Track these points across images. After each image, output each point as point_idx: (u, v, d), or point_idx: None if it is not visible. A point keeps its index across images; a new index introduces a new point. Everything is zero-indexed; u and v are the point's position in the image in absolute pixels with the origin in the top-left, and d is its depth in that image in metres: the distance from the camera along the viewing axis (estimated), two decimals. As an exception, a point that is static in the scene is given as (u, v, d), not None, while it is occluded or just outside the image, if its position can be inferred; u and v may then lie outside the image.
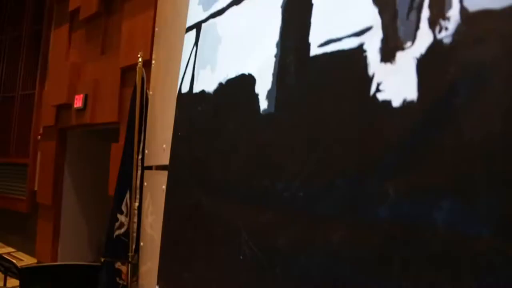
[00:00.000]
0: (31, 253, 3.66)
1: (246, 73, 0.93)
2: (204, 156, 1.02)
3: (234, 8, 1.03)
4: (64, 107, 3.42)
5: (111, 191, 2.88)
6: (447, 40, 0.57)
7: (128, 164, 2.11)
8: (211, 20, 1.13)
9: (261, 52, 0.89)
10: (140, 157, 2.09)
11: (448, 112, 0.56)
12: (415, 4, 0.62)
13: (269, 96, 0.85)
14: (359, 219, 0.62)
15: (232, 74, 0.98)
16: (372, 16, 0.67)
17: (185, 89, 1.19)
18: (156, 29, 2.04)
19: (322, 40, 0.74)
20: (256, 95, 0.88)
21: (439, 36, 0.58)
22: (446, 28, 0.57)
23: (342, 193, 0.65)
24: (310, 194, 0.71)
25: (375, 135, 0.63)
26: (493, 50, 0.53)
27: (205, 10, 1.17)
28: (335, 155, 0.68)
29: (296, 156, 0.75)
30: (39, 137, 3.76)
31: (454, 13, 0.57)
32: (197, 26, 1.19)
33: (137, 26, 3.05)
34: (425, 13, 0.60)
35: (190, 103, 1.14)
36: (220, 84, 1.02)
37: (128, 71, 3.06)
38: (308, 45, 0.77)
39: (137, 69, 2.15)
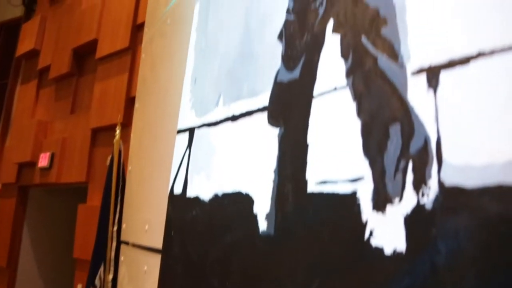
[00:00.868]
0: (-19, 321, 3.40)
1: (244, 191, 1.02)
2: (200, 263, 1.08)
3: (230, 123, 1.14)
4: (27, 165, 3.33)
5: (76, 253, 2.80)
6: (428, 206, 0.70)
7: (103, 237, 2.10)
8: (205, 129, 1.22)
9: (258, 174, 0.99)
10: (115, 228, 2.08)
11: (431, 266, 0.67)
12: (401, 166, 0.75)
13: (268, 218, 0.94)
14: None
15: (229, 189, 1.06)
16: (363, 167, 0.79)
17: (177, 190, 1.25)
18: (136, 105, 2.11)
19: (319, 179, 0.85)
20: (255, 216, 0.96)
21: (421, 200, 0.71)
22: (428, 195, 0.70)
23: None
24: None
25: (368, 278, 0.73)
26: (465, 222, 0.66)
27: (198, 116, 1.27)
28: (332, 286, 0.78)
29: (296, 283, 0.83)
30: (-3, 193, 3.60)
31: (433, 183, 0.70)
32: (190, 131, 1.28)
33: (110, 89, 3.11)
34: (410, 176, 0.73)
35: (184, 206, 1.20)
36: (216, 195, 1.10)
37: (99, 132, 3.08)
38: (305, 181, 0.87)
39: (115, 142, 2.18)
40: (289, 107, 0.97)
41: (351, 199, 0.79)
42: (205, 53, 1.32)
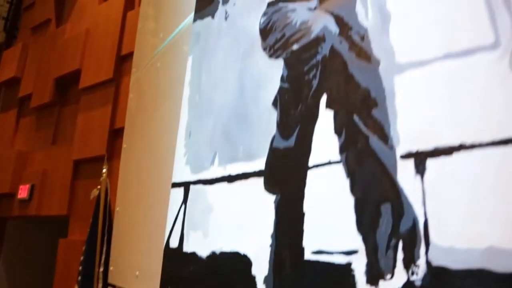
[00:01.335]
0: None
1: (242, 252, 1.06)
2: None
3: (226, 184, 1.19)
4: (6, 196, 3.26)
5: (57, 291, 2.74)
6: (417, 283, 0.76)
7: (88, 278, 2.09)
8: (201, 186, 1.27)
9: (256, 237, 1.04)
10: (101, 269, 2.07)
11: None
12: (392, 244, 0.81)
13: (266, 282, 0.98)
14: None
15: (227, 248, 1.11)
16: (357, 241, 0.86)
17: (173, 244, 1.28)
18: (124, 145, 2.13)
19: (315, 248, 0.91)
20: (253, 277, 1.01)
21: (411, 277, 0.77)
22: (417, 273, 0.77)
23: None
24: None
25: None
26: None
27: (193, 172, 1.32)
28: None
29: None
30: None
31: (422, 263, 0.77)
32: (185, 186, 1.32)
33: (94, 120, 3.10)
34: (400, 254, 0.80)
35: (180, 261, 1.23)
36: (214, 253, 1.14)
37: (81, 164, 3.06)
38: (302, 248, 0.93)
39: (101, 180, 2.19)
40: (285, 176, 1.03)
41: (346, 270, 0.85)
42: (199, 108, 1.37)
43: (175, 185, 1.36)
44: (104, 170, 2.19)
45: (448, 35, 0.85)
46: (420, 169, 0.81)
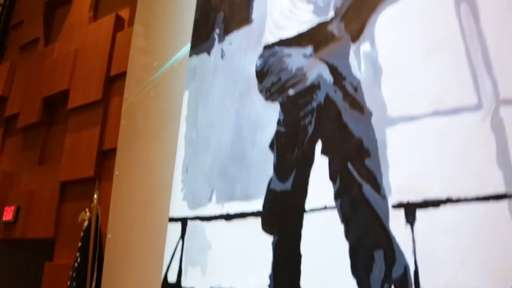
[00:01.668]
0: None
1: (240, 291, 1.10)
2: None
3: (224, 222, 1.23)
4: (-10, 218, 3.20)
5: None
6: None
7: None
8: (199, 222, 1.30)
9: (254, 276, 1.08)
10: (91, 297, 2.07)
11: None
12: (385, 289, 0.87)
13: (264, 321, 1.02)
14: None
15: (225, 285, 1.14)
16: (352, 285, 0.91)
17: (172, 279, 1.31)
18: (116, 172, 2.14)
19: (312, 291, 0.96)
20: (252, 317, 1.05)
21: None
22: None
23: None
24: None
25: None
26: None
27: (190, 208, 1.35)
28: None
29: None
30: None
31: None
32: (183, 221, 1.35)
33: (82, 141, 3.09)
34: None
35: (178, 296, 1.26)
36: (212, 291, 1.17)
37: (68, 185, 3.04)
38: (299, 291, 0.98)
39: (92, 206, 2.19)
40: (282, 218, 1.08)
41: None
42: (196, 145, 1.42)
43: (172, 219, 1.40)
44: (95, 196, 2.20)
45: (437, 94, 0.92)
46: (410, 219, 0.87)
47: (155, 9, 2.26)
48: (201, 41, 1.61)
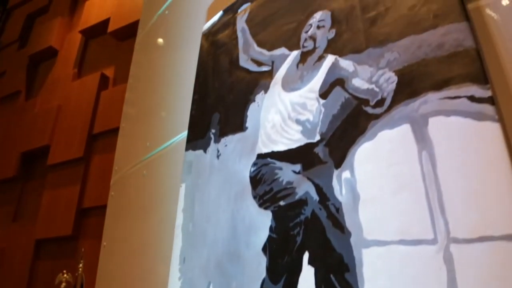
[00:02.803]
0: None
1: None
2: None
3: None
4: (-44, 276, 3.12)
5: None
6: None
7: None
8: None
9: None
10: None
11: None
12: None
13: None
14: None
15: None
16: None
17: None
18: (104, 243, 2.24)
19: None
20: None
21: None
22: None
23: None
24: None
25: None
26: None
27: (187, 297, 1.50)
28: None
29: None
30: None
31: None
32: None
33: (61, 198, 3.16)
34: None
35: None
36: None
37: (44, 243, 3.06)
38: None
39: (77, 275, 2.26)
40: (275, 319, 1.26)
41: None
42: (193, 238, 1.58)
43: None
44: (80, 265, 2.27)
45: (402, 226, 1.16)
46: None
47: (147, 90, 2.44)
48: (197, 137, 1.81)
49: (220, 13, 2.14)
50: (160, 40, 2.61)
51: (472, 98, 1.17)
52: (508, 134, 1.12)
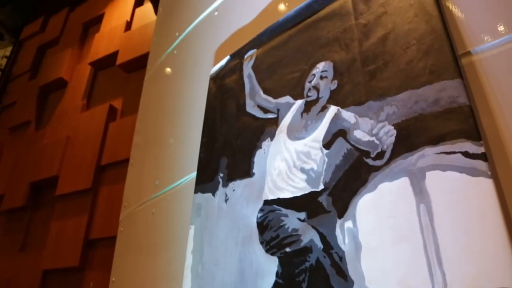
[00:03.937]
0: None
1: None
2: None
3: None
4: (-38, 306, 3.16)
5: None
6: None
7: None
8: None
9: None
10: None
11: None
12: None
13: None
14: None
15: None
16: None
17: None
18: (113, 278, 2.29)
19: None
20: None
21: None
22: None
23: None
24: None
25: None
26: None
27: None
28: None
29: None
30: None
31: None
32: None
33: (68, 229, 3.22)
34: None
35: None
36: None
37: (51, 274, 3.11)
38: None
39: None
40: None
41: None
42: (202, 280, 1.65)
43: None
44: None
45: (402, 276, 1.23)
46: None
47: (156, 129, 2.54)
48: (206, 180, 1.89)
49: (228, 57, 2.25)
50: (168, 70, 2.72)
51: (466, 154, 1.25)
52: (501, 189, 1.20)
